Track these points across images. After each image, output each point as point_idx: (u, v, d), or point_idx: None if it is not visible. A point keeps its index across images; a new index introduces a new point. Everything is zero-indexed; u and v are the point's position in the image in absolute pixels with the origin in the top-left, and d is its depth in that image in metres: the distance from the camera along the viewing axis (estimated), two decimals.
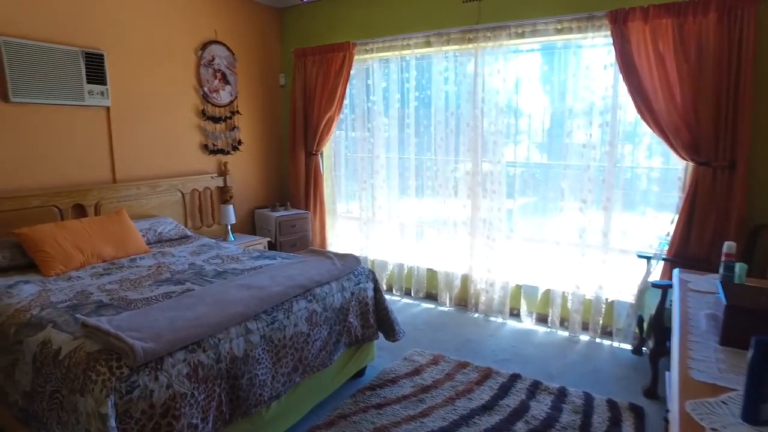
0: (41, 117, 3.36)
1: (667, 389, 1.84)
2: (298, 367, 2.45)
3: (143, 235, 3.58)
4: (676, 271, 2.43)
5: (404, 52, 4.29)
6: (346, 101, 4.72)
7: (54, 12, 3.36)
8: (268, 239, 4.60)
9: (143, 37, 3.89)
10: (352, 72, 4.54)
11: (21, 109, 3.25)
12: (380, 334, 3.10)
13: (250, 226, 4.96)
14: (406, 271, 4.59)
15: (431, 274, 4.46)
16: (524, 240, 4.08)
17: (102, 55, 3.57)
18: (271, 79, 5.06)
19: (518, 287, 4.01)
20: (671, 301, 2.50)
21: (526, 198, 4.05)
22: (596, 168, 3.56)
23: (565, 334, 3.73)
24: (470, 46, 3.96)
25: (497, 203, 3.99)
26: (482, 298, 4.13)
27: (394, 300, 4.49)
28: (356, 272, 2.96)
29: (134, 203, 3.89)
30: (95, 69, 3.54)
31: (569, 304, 3.74)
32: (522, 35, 3.71)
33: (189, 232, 3.94)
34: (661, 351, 2.75)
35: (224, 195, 4.60)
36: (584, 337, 3.67)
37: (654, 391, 2.82)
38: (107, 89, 3.63)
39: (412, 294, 4.55)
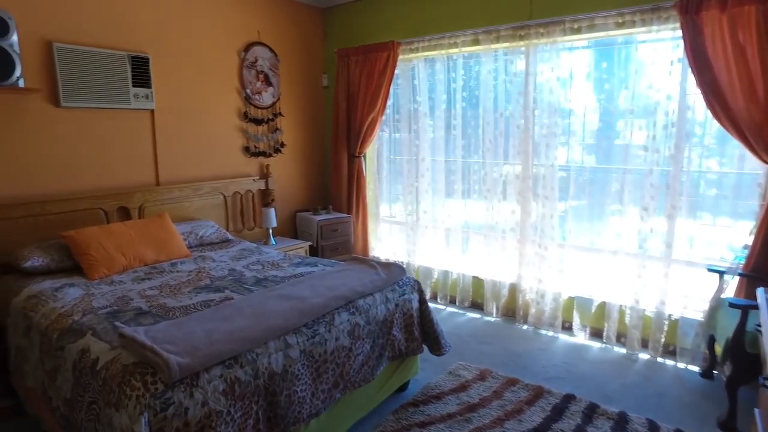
0: (89, 121, 3.38)
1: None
2: (339, 382, 2.32)
3: (185, 239, 3.55)
4: (761, 291, 2.16)
5: (451, 51, 4.12)
6: (389, 102, 4.59)
7: (103, 18, 3.38)
8: (310, 243, 4.52)
9: (187, 40, 3.88)
10: (396, 72, 4.41)
11: (71, 114, 3.29)
12: (425, 348, 2.94)
13: (291, 229, 4.90)
14: (451, 279, 4.41)
15: (477, 282, 4.26)
16: (577, 249, 3.82)
17: (147, 59, 3.58)
18: (314, 80, 4.99)
19: (571, 299, 3.77)
20: (757, 324, 2.22)
21: (580, 204, 3.80)
22: (659, 173, 3.28)
23: (622, 351, 3.46)
24: (521, 43, 3.75)
25: (549, 209, 3.75)
26: (532, 310, 3.90)
27: (438, 309, 4.32)
28: (401, 282, 2.81)
29: (177, 206, 3.88)
30: (140, 72, 3.54)
31: (627, 319, 3.47)
32: (578, 31, 3.47)
33: (230, 236, 3.90)
34: (741, 379, 2.46)
35: (266, 198, 4.56)
36: (644, 356, 3.39)
37: (732, 425, 2.52)
38: (152, 92, 3.63)
39: (457, 303, 4.36)
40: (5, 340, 2.71)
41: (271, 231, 4.37)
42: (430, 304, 4.32)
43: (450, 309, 4.32)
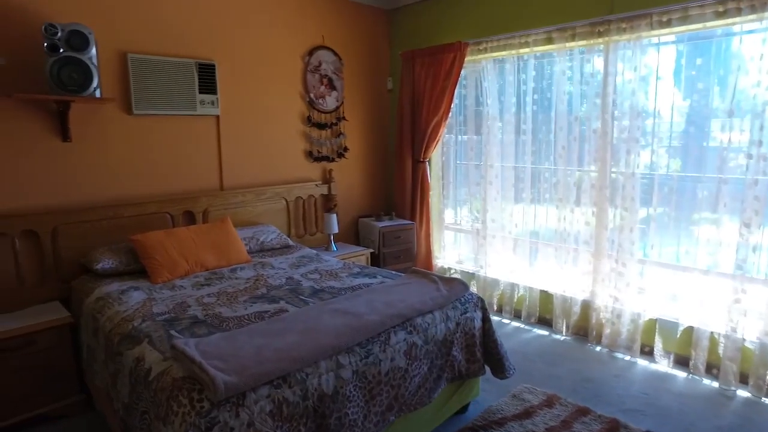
0: (158, 127, 3.48)
1: None
2: (393, 405, 2.19)
3: (246, 244, 3.57)
4: None
5: (522, 50, 3.87)
6: (455, 103, 4.41)
7: (173, 28, 3.47)
8: (371, 250, 4.43)
9: (252, 46, 3.91)
10: (463, 74, 4.22)
11: (141, 121, 3.39)
12: (487, 369, 2.75)
13: (353, 235, 4.83)
14: (518, 292, 4.15)
15: (545, 296, 3.98)
16: (661, 265, 3.45)
17: (213, 65, 3.63)
18: (379, 84, 4.90)
19: (652, 321, 3.40)
20: None
21: (664, 216, 3.42)
22: (766, 183, 2.87)
23: (714, 384, 3.07)
24: (600, 40, 3.44)
25: (628, 221, 3.42)
26: (606, 330, 3.58)
27: (503, 323, 4.08)
28: (463, 299, 2.63)
29: (240, 210, 3.92)
30: (207, 79, 3.60)
31: (721, 349, 3.07)
32: (667, 24, 3.12)
33: (291, 242, 3.88)
34: None
35: (328, 203, 4.52)
36: (743, 393, 2.98)
37: None
38: (217, 98, 3.68)
39: (523, 318, 4.10)
40: (80, 338, 2.81)
41: (332, 237, 4.32)
42: (495, 318, 4.15)
43: (515, 324, 4.07)
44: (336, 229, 4.29)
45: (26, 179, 2.99)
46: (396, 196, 4.84)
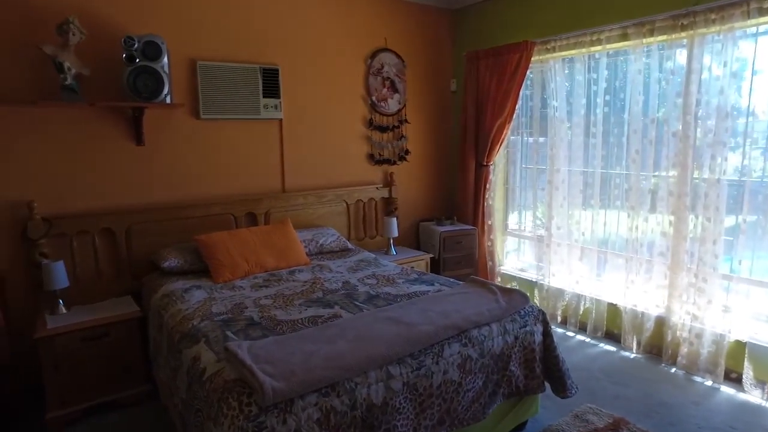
0: (223, 131, 3.60)
1: None
2: (445, 419, 2.11)
3: (305, 246, 3.61)
4: None
5: (593, 48, 3.65)
6: (519, 104, 4.25)
7: (239, 34, 3.58)
8: (431, 255, 4.36)
9: (314, 50, 3.96)
10: (529, 74, 4.05)
11: (208, 125, 3.52)
12: (547, 386, 2.60)
13: (413, 239, 4.77)
14: (584, 304, 3.92)
15: (613, 310, 3.72)
16: (751, 283, 3.12)
17: (277, 70, 3.71)
18: (442, 85, 4.81)
19: (740, 344, 3.08)
20: None
21: (757, 227, 3.09)
22: None
23: None
24: (683, 34, 3.16)
25: (711, 232, 3.12)
26: (683, 350, 3.29)
27: (567, 336, 3.87)
28: (523, 312, 2.50)
29: (300, 212, 3.98)
30: (270, 83, 3.68)
31: None
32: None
33: (350, 245, 3.89)
34: None
35: (389, 206, 4.49)
36: None
37: None
38: (280, 102, 3.76)
39: (589, 331, 3.86)
40: (148, 332, 2.95)
41: (392, 241, 4.29)
42: (559, 330, 3.94)
43: (580, 337, 3.84)
44: (396, 233, 4.26)
45: (105, 181, 3.19)
46: (458, 200, 4.73)
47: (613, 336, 3.75)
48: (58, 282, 2.87)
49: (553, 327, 3.79)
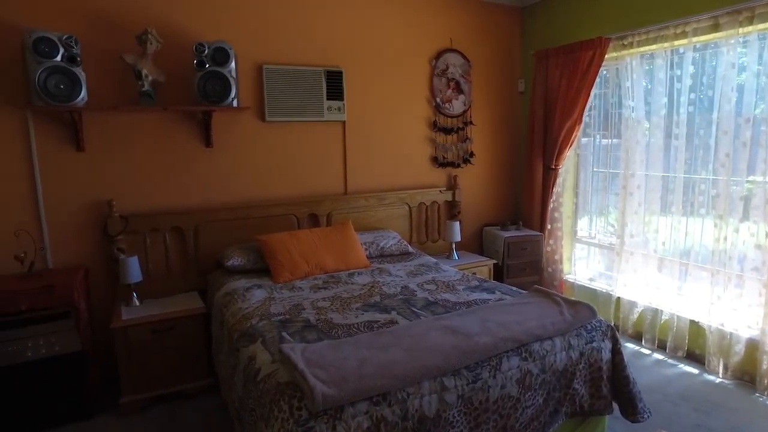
0: (288, 133, 3.67)
1: None
2: None
3: (365, 249, 3.59)
4: None
5: (677, 42, 3.36)
6: (591, 105, 4.01)
7: (304, 38, 3.64)
8: (495, 261, 4.21)
9: (378, 52, 3.95)
10: (602, 72, 3.81)
11: (273, 127, 3.60)
12: (616, 407, 2.41)
13: (477, 244, 4.64)
14: (661, 319, 3.62)
15: (696, 328, 3.40)
16: None
17: (341, 72, 3.73)
18: (509, 86, 4.65)
19: None
20: None
21: None
22: None
23: None
24: None
25: None
26: None
27: (641, 353, 3.59)
28: (589, 327, 2.34)
29: (362, 215, 3.97)
30: (334, 86, 3.71)
31: None
32: None
33: (411, 249, 3.83)
34: None
35: (452, 210, 4.39)
36: None
37: None
38: (344, 104, 3.77)
39: (668, 350, 3.56)
40: (211, 328, 3.06)
41: (454, 245, 4.18)
42: (632, 346, 3.66)
43: (657, 356, 3.55)
44: (458, 238, 4.15)
45: (176, 181, 3.35)
46: (524, 204, 4.54)
47: (695, 357, 3.43)
48: (132, 276, 3.04)
49: (624, 342, 3.56)
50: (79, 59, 2.80)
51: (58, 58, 2.75)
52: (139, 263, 3.11)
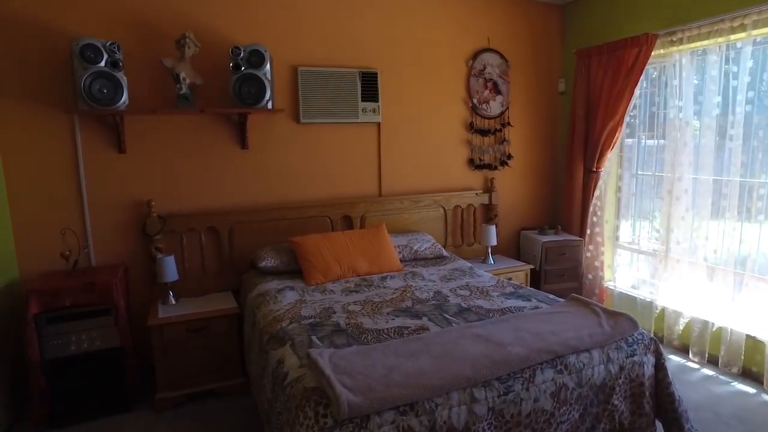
0: (322, 135, 3.67)
1: None
2: None
3: (399, 252, 3.55)
4: None
5: (734, 36, 3.15)
6: (637, 104, 3.84)
7: (339, 40, 3.64)
8: (532, 266, 4.09)
9: (414, 52, 3.90)
10: (649, 70, 3.63)
11: (307, 129, 3.61)
12: (659, 425, 2.28)
13: (513, 248, 4.52)
14: (711, 331, 3.41)
15: (753, 343, 3.18)
16: None
17: (376, 74, 3.70)
18: (549, 86, 4.50)
19: None
20: None
21: None
22: None
23: None
24: None
25: None
26: None
27: (688, 368, 3.39)
28: (630, 340, 2.21)
29: (396, 217, 3.93)
30: (369, 87, 3.69)
31: None
32: None
33: (445, 253, 3.76)
34: None
35: (488, 213, 4.30)
36: None
37: None
38: (379, 106, 3.75)
39: (720, 365, 3.34)
40: (244, 328, 3.09)
41: (489, 249, 4.09)
42: (679, 360, 3.47)
43: (707, 371, 3.34)
44: (494, 242, 4.05)
45: (212, 182, 3.40)
46: (563, 208, 4.39)
47: (751, 375, 3.21)
48: (168, 275, 3.10)
49: (669, 355, 3.38)
50: (121, 64, 2.88)
51: (102, 63, 2.83)
52: (176, 263, 3.17)
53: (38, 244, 3.03)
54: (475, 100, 4.14)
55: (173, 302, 3.16)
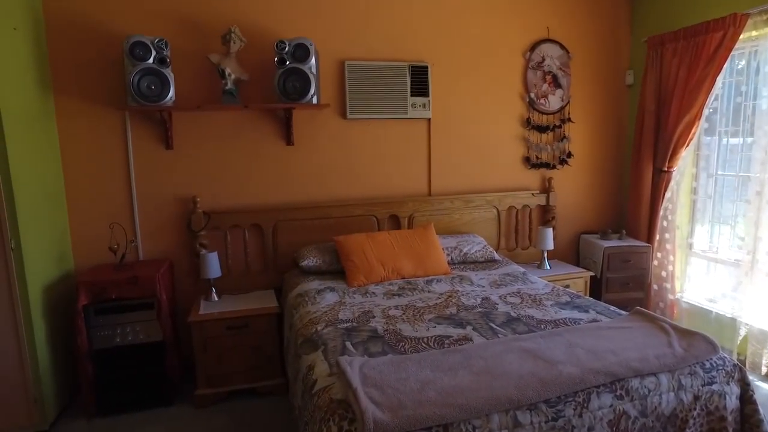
0: (369, 131, 3.55)
1: None
2: None
3: (447, 254, 3.37)
4: None
5: None
6: (719, 95, 3.45)
7: (387, 33, 3.50)
8: (592, 274, 3.77)
9: (466, 45, 3.69)
10: (735, 57, 3.23)
11: (354, 125, 3.51)
12: None
13: (572, 253, 4.21)
14: None
15: None
16: None
17: (426, 67, 3.53)
18: (615, 78, 4.14)
19: None
20: None
21: None
22: None
23: None
24: None
25: None
26: None
27: None
28: (708, 365, 1.92)
29: (446, 218, 3.75)
30: (419, 81, 3.53)
31: None
32: None
33: (497, 256, 3.53)
34: None
35: (546, 215, 4.02)
36: None
37: None
38: (429, 101, 3.58)
39: None
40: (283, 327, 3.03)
41: (545, 254, 3.81)
42: (766, 387, 3.05)
43: None
44: (551, 246, 3.77)
45: (257, 179, 3.37)
46: (630, 211, 4.03)
47: None
48: (211, 271, 3.09)
49: (757, 382, 2.99)
50: (168, 60, 2.89)
51: (151, 60, 2.85)
52: (220, 259, 3.16)
53: (92, 237, 3.10)
54: (532, 95, 3.88)
55: (216, 299, 3.15)
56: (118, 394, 2.86)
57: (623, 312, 2.44)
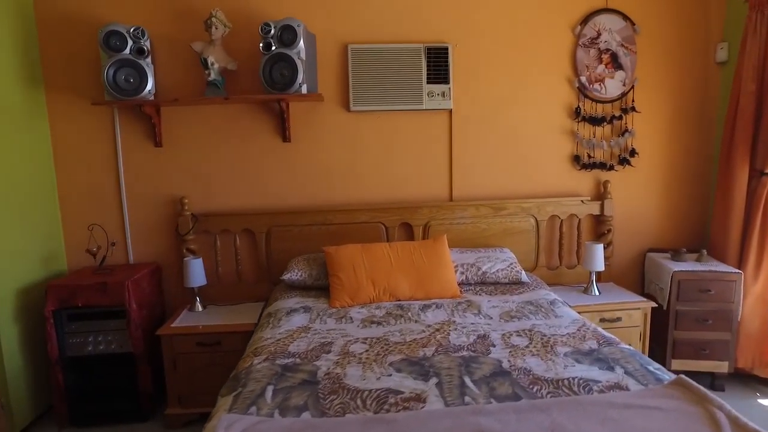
0: (377, 125, 3.11)
1: None
2: None
3: (461, 273, 2.84)
4: None
5: None
6: None
7: (397, 8, 3.03)
8: (654, 304, 2.99)
9: (497, 19, 3.08)
10: None
11: (359, 118, 3.09)
12: None
13: (634, 276, 3.40)
14: None
15: None
16: None
17: (446, 49, 3.00)
18: (700, 55, 3.25)
19: None
20: None
21: None
22: None
23: None
24: None
25: None
26: None
27: None
28: None
29: (470, 228, 3.19)
30: (437, 66, 3.02)
31: None
32: None
33: (525, 277, 2.90)
34: None
35: (600, 227, 3.29)
36: None
37: None
38: (449, 89, 3.04)
39: None
40: None
41: (594, 275, 3.08)
42: None
43: None
44: (601, 266, 3.03)
45: (249, 179, 3.08)
46: (715, 225, 3.16)
47: None
48: (195, 279, 2.85)
49: None
50: (147, 51, 2.68)
51: (127, 51, 2.65)
52: (208, 266, 2.91)
53: (82, 238, 2.99)
54: (583, 79, 3.15)
55: (200, 309, 2.91)
56: (91, 405, 2.74)
57: (666, 377, 1.75)
